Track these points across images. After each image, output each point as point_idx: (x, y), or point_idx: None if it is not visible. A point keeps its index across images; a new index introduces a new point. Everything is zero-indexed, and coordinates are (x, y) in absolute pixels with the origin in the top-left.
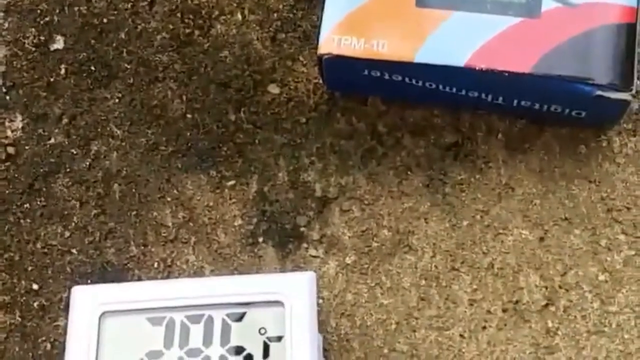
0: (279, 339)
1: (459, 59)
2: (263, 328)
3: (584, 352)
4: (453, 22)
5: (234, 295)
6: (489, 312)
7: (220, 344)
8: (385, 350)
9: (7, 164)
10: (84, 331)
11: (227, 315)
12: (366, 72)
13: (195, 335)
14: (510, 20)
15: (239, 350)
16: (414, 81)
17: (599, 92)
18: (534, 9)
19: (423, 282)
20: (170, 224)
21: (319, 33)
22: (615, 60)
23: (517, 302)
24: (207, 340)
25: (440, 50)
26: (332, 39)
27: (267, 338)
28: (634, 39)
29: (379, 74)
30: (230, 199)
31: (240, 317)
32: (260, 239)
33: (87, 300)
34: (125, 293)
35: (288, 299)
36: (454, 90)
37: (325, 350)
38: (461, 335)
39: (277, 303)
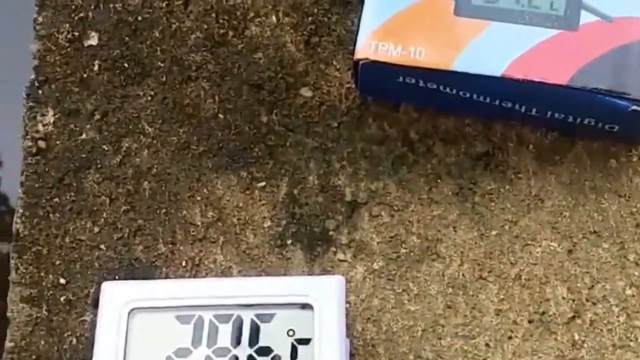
0: (307, 341)
1: (496, 68)
2: (291, 330)
3: None
4: (490, 32)
5: (263, 297)
6: (515, 322)
7: (249, 344)
8: (411, 357)
9: (38, 157)
10: (113, 327)
11: (256, 315)
12: (401, 79)
13: (224, 334)
14: (548, 32)
15: (267, 351)
16: (448, 89)
17: (634, 107)
18: (571, 21)
19: (450, 290)
20: (199, 223)
21: (356, 38)
22: None
23: (543, 313)
24: (236, 340)
25: (477, 59)
26: (369, 45)
27: (296, 340)
28: None
29: (414, 81)
30: (260, 200)
31: (269, 318)
32: (289, 241)
33: (116, 297)
34: (155, 290)
35: (317, 302)
36: (488, 100)
37: (351, 354)
38: (487, 345)
39: (306, 306)
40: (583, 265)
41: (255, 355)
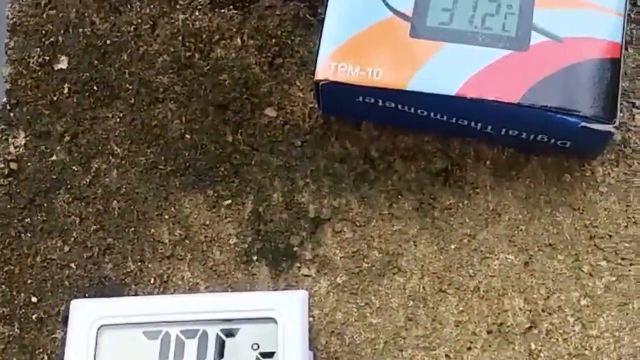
0: (271, 355)
1: (450, 88)
2: (256, 344)
3: None
4: (445, 53)
5: (228, 312)
6: (474, 333)
7: (214, 358)
8: None
9: (10, 179)
10: (82, 344)
11: (221, 330)
12: (360, 99)
13: (190, 349)
14: (500, 53)
15: None
16: (406, 108)
17: (584, 124)
18: (522, 42)
19: (411, 302)
20: (167, 241)
21: (316, 59)
22: (599, 93)
23: (501, 324)
24: (201, 354)
25: (433, 79)
26: (328, 66)
27: (260, 354)
28: (618, 73)
29: (373, 100)
30: (226, 217)
31: (234, 333)
32: (255, 258)
33: (85, 314)
34: (123, 307)
35: (281, 316)
36: (445, 118)
37: None
38: (447, 356)
39: (270, 320)
40: (539, 277)
41: None
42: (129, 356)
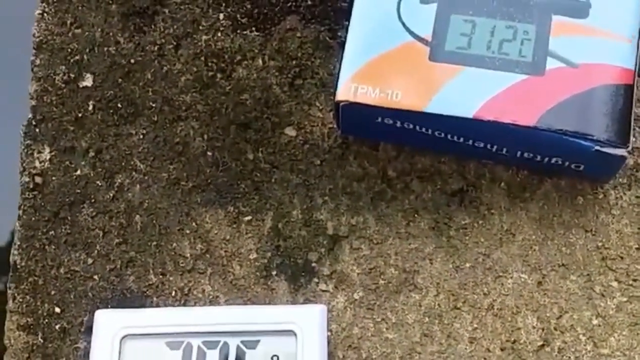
0: None
1: (468, 110)
2: (276, 356)
3: None
4: (463, 76)
5: (250, 324)
6: (488, 350)
7: None
8: None
9: (35, 192)
10: (106, 353)
11: (242, 342)
12: (379, 120)
13: None
14: (517, 77)
15: None
16: (424, 130)
17: (598, 148)
18: (538, 67)
19: (426, 319)
20: (188, 255)
21: (336, 81)
22: (613, 118)
23: (514, 341)
24: None
25: (451, 102)
26: (349, 87)
27: None
28: (632, 99)
29: (391, 121)
30: (246, 233)
31: (254, 345)
32: (274, 272)
33: (109, 324)
34: (146, 318)
35: (300, 329)
36: (462, 140)
37: None
38: None
39: (290, 332)
40: (552, 296)
41: None
42: None
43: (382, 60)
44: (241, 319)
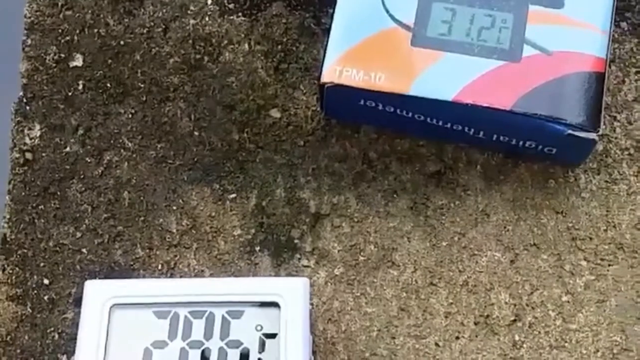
0: (274, 336)
1: (447, 94)
2: (259, 325)
3: None
4: (443, 61)
5: (234, 295)
6: (462, 324)
7: (220, 337)
8: (367, 354)
9: (25, 168)
10: (95, 322)
11: (227, 312)
12: (362, 102)
13: (197, 329)
14: (494, 63)
15: (236, 344)
16: (404, 113)
17: (570, 131)
18: (515, 54)
19: (404, 294)
20: (174, 230)
21: (322, 63)
22: (585, 104)
23: (487, 316)
24: (208, 333)
25: (431, 85)
26: (334, 70)
27: (263, 334)
28: (603, 86)
29: (373, 104)
30: (231, 210)
31: (239, 315)
32: (257, 248)
33: (98, 294)
34: (134, 288)
35: (284, 301)
36: (440, 123)
37: (313, 352)
38: (436, 344)
39: (274, 304)
40: (524, 274)
41: (225, 347)
42: (140, 334)
43: (366, 44)
44: (226, 290)
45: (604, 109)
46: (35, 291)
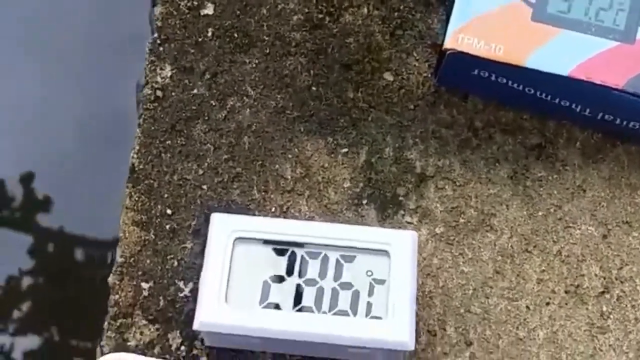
0: (383, 282)
1: (563, 69)
2: (370, 271)
3: (630, 335)
4: (561, 38)
5: (349, 240)
6: (553, 291)
7: (334, 278)
8: (462, 310)
9: (155, 104)
10: (220, 252)
11: (341, 256)
12: (476, 72)
13: (313, 268)
14: (610, 44)
15: (348, 285)
16: (516, 85)
17: None
18: (630, 36)
19: (499, 258)
20: (289, 177)
21: (445, 31)
22: None
23: (578, 286)
24: (322, 273)
25: (548, 59)
26: (456, 37)
27: (373, 279)
28: None
29: (487, 74)
30: (342, 163)
31: (351, 259)
32: (364, 202)
33: (224, 226)
34: (257, 224)
35: (393, 250)
36: (549, 97)
37: None
38: (527, 307)
39: (384, 252)
40: (615, 249)
41: (338, 288)
42: (260, 267)
43: (488, 16)
44: (340, 235)
45: None
46: (159, 219)
